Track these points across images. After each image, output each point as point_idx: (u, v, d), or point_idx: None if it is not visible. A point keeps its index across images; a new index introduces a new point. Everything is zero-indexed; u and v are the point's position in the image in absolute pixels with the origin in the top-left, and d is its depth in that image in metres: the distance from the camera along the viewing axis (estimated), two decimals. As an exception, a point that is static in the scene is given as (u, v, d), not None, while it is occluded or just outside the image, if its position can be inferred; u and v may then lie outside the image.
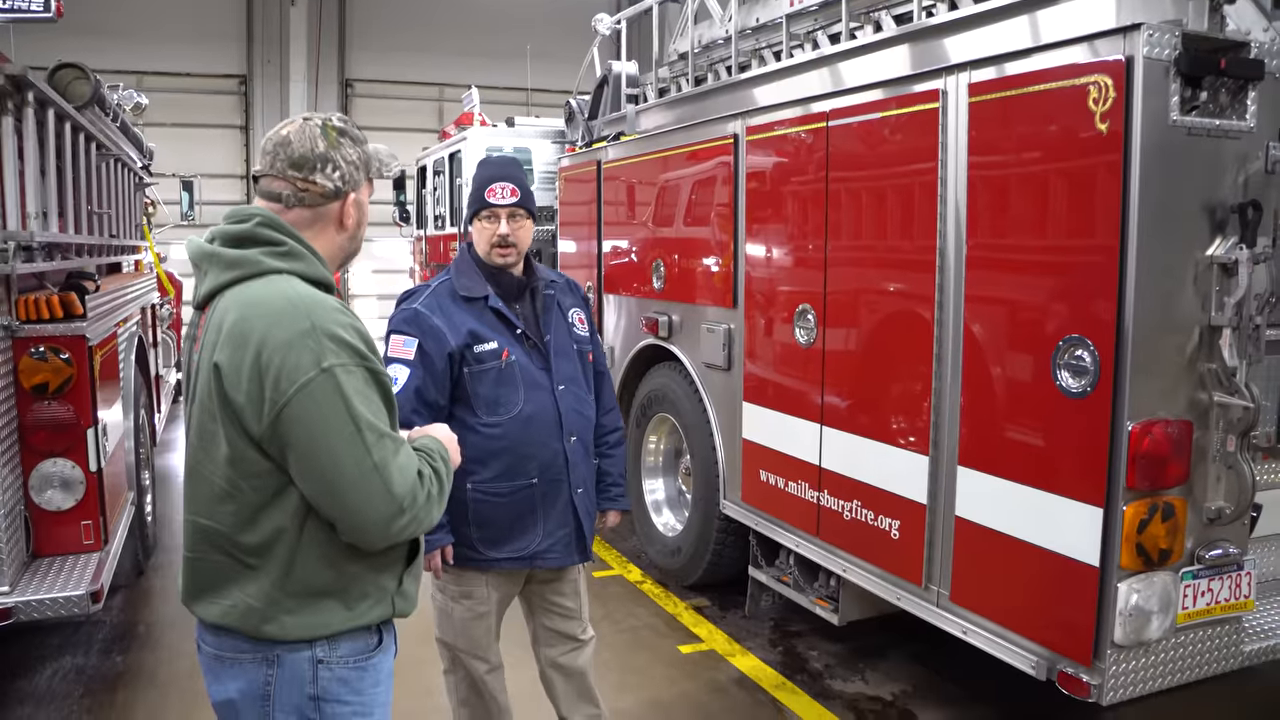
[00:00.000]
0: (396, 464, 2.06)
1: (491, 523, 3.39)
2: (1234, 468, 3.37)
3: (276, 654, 2.12)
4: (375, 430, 2.04)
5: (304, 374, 1.98)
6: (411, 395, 3.25)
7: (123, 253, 7.37)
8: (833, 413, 4.56)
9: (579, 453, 3.49)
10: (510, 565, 3.46)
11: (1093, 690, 3.33)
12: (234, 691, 2.16)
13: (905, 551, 4.12)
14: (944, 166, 3.85)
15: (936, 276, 3.89)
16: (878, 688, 4.88)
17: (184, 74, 16.42)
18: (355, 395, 2.02)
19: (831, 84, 4.66)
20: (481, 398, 3.34)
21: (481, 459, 3.33)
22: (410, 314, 3.41)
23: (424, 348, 3.31)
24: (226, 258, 2.13)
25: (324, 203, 2.20)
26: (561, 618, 3.69)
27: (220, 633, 2.16)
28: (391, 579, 2.25)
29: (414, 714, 4.60)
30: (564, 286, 3.65)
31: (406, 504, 2.07)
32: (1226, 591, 3.46)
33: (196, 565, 2.17)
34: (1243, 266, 3.22)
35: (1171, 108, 3.15)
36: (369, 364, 2.08)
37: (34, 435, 4.49)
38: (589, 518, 3.57)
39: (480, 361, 3.34)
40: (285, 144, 2.17)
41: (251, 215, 2.16)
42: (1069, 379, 3.35)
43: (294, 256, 2.14)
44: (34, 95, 4.25)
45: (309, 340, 1.99)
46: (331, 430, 1.99)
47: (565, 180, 7.87)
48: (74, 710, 4.66)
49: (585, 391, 3.57)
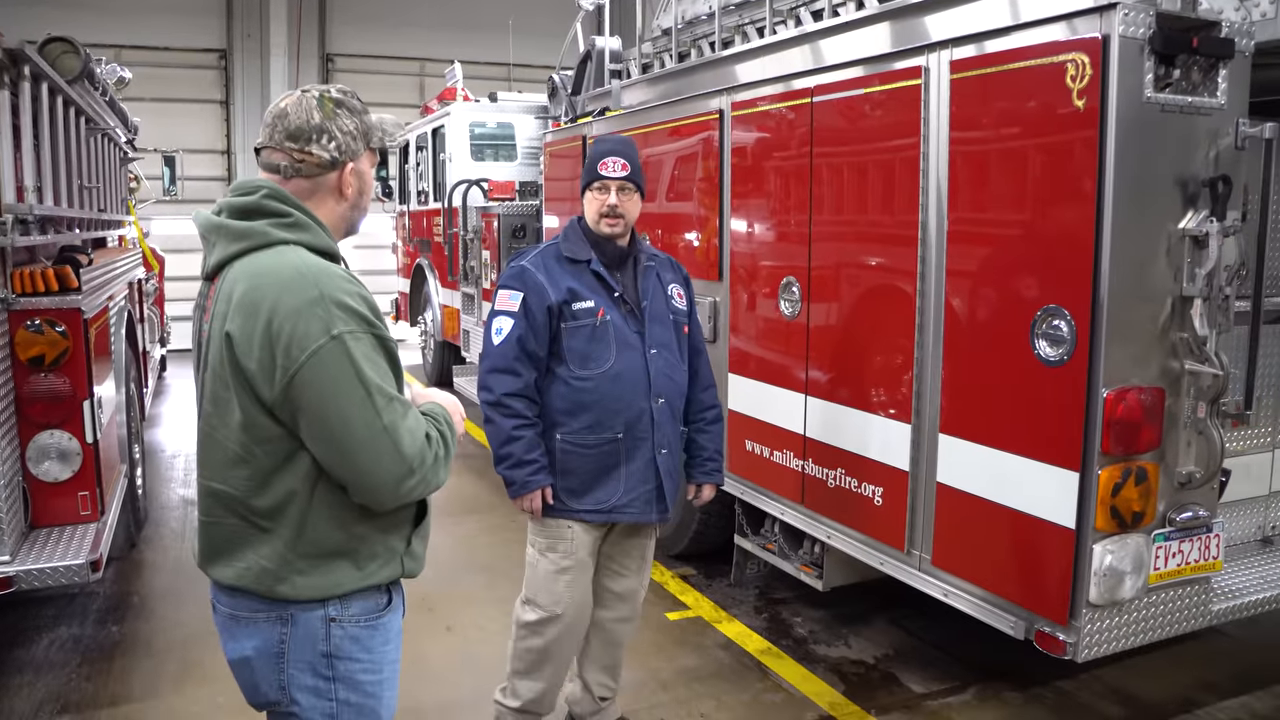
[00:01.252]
0: (406, 426, 2.12)
1: (576, 473, 3.63)
2: (1204, 433, 3.49)
3: (290, 613, 2.20)
4: (384, 394, 2.10)
5: (314, 341, 2.03)
6: (514, 344, 3.56)
7: (109, 228, 7.40)
8: (817, 383, 4.67)
9: (665, 414, 3.69)
10: (592, 517, 3.66)
11: (1068, 648, 3.45)
12: (249, 649, 2.23)
13: (888, 517, 4.24)
14: (926, 142, 3.94)
15: (919, 249, 3.99)
16: (861, 652, 5.02)
17: (163, 48, 16.31)
18: (364, 360, 2.08)
19: (815, 61, 4.74)
20: (575, 352, 3.59)
21: (571, 410, 3.60)
22: (517, 270, 3.68)
23: (527, 301, 3.58)
24: (234, 229, 2.18)
25: (321, 173, 2.24)
26: (623, 578, 3.90)
27: (235, 593, 2.22)
28: (400, 540, 2.30)
29: (405, 677, 4.70)
30: (666, 263, 3.90)
31: (416, 464, 2.13)
32: (1196, 553, 3.59)
33: (211, 529, 2.23)
34: (1213, 239, 3.33)
35: (1146, 85, 3.25)
36: (376, 330, 2.13)
37: (31, 407, 4.55)
38: (670, 479, 3.74)
39: (576, 318, 3.59)
40: (283, 116, 2.22)
41: (258, 187, 2.21)
42: (1046, 348, 3.46)
43: (300, 227, 2.19)
44: (30, 69, 4.28)
45: (318, 308, 2.05)
46: (342, 394, 2.05)
47: (550, 155, 7.92)
48: (72, 678, 4.74)
49: (678, 360, 3.77)
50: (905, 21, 4.17)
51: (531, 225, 9.33)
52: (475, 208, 10.23)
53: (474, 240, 10.07)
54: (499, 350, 3.60)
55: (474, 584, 5.98)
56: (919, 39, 4.05)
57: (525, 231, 9.42)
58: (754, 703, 4.51)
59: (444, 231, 10.94)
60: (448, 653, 5.05)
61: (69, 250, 5.38)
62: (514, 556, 6.30)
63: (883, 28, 4.31)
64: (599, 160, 3.64)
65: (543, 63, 11.18)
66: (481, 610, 5.54)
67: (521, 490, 3.59)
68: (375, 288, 12.62)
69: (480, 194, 10.36)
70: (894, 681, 4.70)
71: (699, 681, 4.68)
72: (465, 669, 4.86)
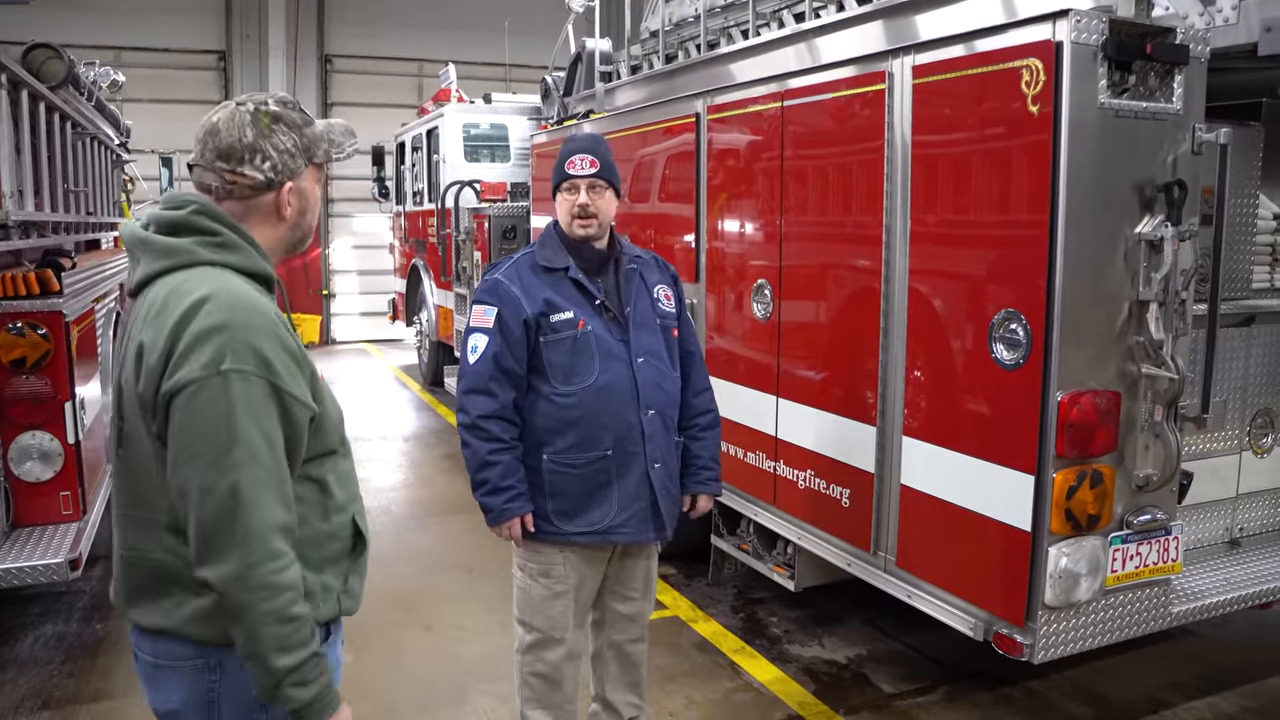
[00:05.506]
0: (261, 500, 1.86)
1: (566, 494, 3.41)
2: (1161, 436, 3.52)
3: (219, 659, 2.00)
4: (253, 450, 1.86)
5: (200, 371, 1.85)
6: (490, 362, 3.35)
7: (101, 230, 7.47)
8: (788, 385, 4.71)
9: (657, 426, 3.46)
10: (585, 539, 3.45)
11: (1025, 649, 3.48)
12: (176, 702, 2.04)
13: (855, 519, 4.28)
14: (890, 146, 3.97)
15: (883, 253, 4.03)
16: (834, 651, 5.05)
17: (162, 49, 16.34)
18: (244, 407, 1.86)
19: (786, 65, 4.79)
20: (556, 366, 3.38)
21: (556, 429, 3.39)
22: (491, 284, 3.48)
23: (502, 316, 3.37)
24: (159, 246, 2.00)
25: (254, 195, 2.07)
26: (631, 601, 3.69)
27: (159, 638, 2.02)
28: (336, 578, 2.14)
29: (382, 677, 4.75)
30: (651, 263, 3.67)
31: (251, 550, 1.84)
32: (1155, 555, 3.61)
33: (132, 565, 2.04)
34: (1168, 243, 3.36)
35: (1100, 90, 3.27)
36: (273, 378, 1.91)
37: (12, 408, 4.62)
38: (666, 494, 3.52)
39: (555, 330, 3.38)
40: (214, 133, 2.04)
41: (188, 202, 2.03)
42: (1004, 351, 3.49)
43: (229, 248, 2.01)
44: (7, 77, 4.34)
45: (217, 337, 1.86)
46: (203, 435, 1.84)
47: (538, 157, 7.97)
48: (55, 674, 4.79)
49: (667, 366, 3.54)
50: (870, 27, 4.21)
51: (522, 226, 9.38)
52: (467, 209, 10.29)
53: (466, 241, 10.13)
54: (474, 370, 3.38)
55: (454, 582, 6.04)
56: (883, 44, 4.09)
57: (516, 233, 9.47)
58: (724, 701, 4.55)
59: (438, 232, 11.01)
60: (426, 652, 5.09)
61: (53, 254, 5.44)
62: (497, 555, 6.36)
63: (849, 34, 4.36)
64: (566, 159, 3.46)
65: (539, 64, 11.21)
66: (461, 608, 5.59)
67: (499, 518, 3.38)
68: (373, 288, 12.83)
69: (473, 195, 10.42)
70: (865, 681, 4.73)
71: (670, 680, 4.71)
72: (444, 668, 4.89)
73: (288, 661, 1.87)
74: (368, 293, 17.66)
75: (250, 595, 1.84)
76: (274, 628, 1.86)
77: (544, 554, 3.49)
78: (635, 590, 3.70)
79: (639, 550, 3.65)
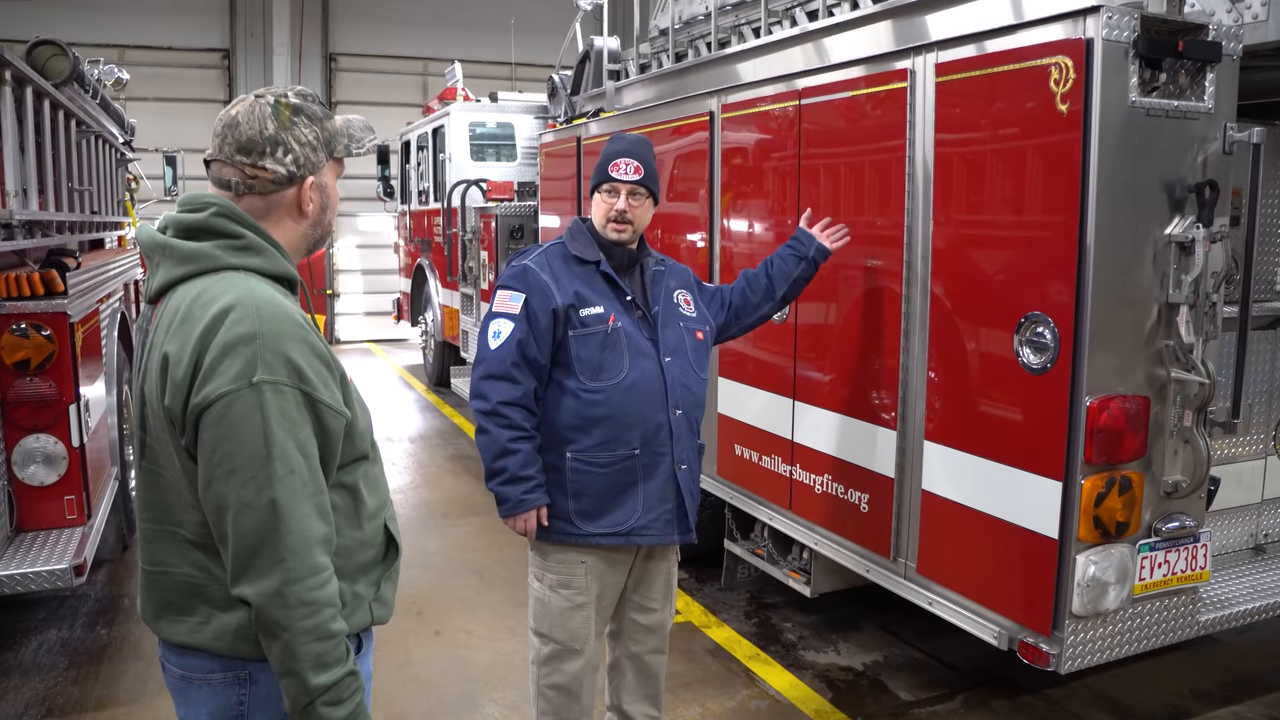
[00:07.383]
0: (301, 510, 1.82)
1: (589, 493, 3.31)
2: (1190, 442, 3.45)
3: (249, 671, 1.96)
4: (288, 462, 1.82)
5: (231, 384, 1.79)
6: (513, 348, 3.24)
7: (105, 229, 7.39)
8: (805, 388, 4.63)
9: (683, 427, 3.39)
10: (608, 541, 3.34)
11: (1051, 659, 3.41)
12: (204, 715, 2.00)
13: (874, 524, 4.20)
14: (912, 145, 3.90)
15: (904, 254, 3.95)
16: (850, 658, 4.98)
17: (166, 48, 16.31)
18: (278, 418, 1.81)
19: (803, 63, 4.72)
20: (585, 362, 3.29)
21: (582, 426, 3.29)
22: (519, 270, 3.37)
23: (530, 303, 3.28)
24: (180, 251, 1.94)
25: (276, 190, 2.00)
26: (651, 612, 3.59)
27: (187, 652, 1.98)
28: (368, 586, 2.09)
29: (390, 683, 4.69)
30: (673, 269, 3.62)
31: (292, 565, 1.80)
32: (1183, 563, 3.55)
33: (159, 580, 1.99)
34: (1199, 245, 3.29)
35: (1131, 89, 3.20)
36: (306, 387, 1.86)
37: (16, 411, 4.54)
38: (692, 497, 3.43)
39: (585, 325, 3.29)
40: (233, 126, 1.97)
41: (207, 204, 1.97)
42: (1030, 355, 3.42)
43: (253, 251, 1.96)
44: (11, 74, 4.27)
45: (248, 347, 1.81)
46: (239, 450, 1.79)
47: (546, 156, 7.89)
48: (59, 681, 4.73)
49: (692, 368, 3.46)
50: (891, 24, 4.14)
51: (529, 226, 9.32)
52: (474, 208, 10.23)
53: (472, 241, 10.06)
54: (496, 355, 3.27)
55: (465, 587, 5.96)
56: (905, 41, 4.02)
57: (523, 232, 9.41)
58: (739, 709, 4.47)
59: (443, 232, 10.94)
60: (436, 658, 5.02)
61: (57, 254, 5.37)
62: (507, 560, 6.32)
63: (869, 30, 4.28)
64: (610, 161, 3.36)
65: (546, 62, 11.17)
66: (472, 614, 5.52)
67: (515, 509, 3.26)
68: (377, 287, 12.79)
69: (479, 194, 10.35)
70: (882, 689, 4.66)
71: (685, 687, 4.64)
72: (453, 675, 4.82)
73: (325, 679, 1.83)
74: (372, 292, 17.60)
75: (290, 612, 1.80)
76: (312, 645, 1.82)
77: (564, 563, 3.38)
78: (654, 600, 3.60)
79: (661, 553, 3.56)
